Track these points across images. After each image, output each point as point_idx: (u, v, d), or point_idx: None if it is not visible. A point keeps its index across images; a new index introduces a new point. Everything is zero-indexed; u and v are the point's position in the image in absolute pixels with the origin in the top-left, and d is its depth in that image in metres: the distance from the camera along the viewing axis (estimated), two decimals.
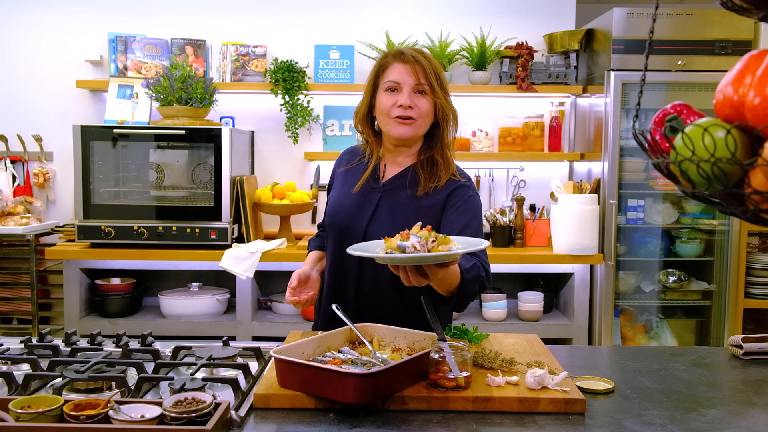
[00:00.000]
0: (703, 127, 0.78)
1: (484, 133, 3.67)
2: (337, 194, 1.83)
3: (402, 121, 1.71)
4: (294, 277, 1.74)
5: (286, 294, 1.74)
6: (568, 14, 3.76)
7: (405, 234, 1.33)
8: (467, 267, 1.54)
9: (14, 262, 3.49)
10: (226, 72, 3.60)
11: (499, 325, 3.29)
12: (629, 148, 3.35)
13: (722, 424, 1.26)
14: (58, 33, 3.70)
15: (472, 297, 1.59)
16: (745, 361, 1.67)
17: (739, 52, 2.18)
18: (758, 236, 3.53)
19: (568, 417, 1.27)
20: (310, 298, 1.75)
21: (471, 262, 1.57)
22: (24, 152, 3.70)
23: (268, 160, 3.77)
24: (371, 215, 1.74)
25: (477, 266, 1.58)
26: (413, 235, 1.30)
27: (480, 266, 1.60)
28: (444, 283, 1.49)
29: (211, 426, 1.12)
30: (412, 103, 1.70)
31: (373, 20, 3.71)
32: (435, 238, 1.31)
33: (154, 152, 3.40)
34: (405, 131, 1.72)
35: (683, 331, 3.60)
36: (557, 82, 3.60)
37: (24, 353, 1.60)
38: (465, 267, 1.53)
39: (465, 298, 1.57)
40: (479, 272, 1.58)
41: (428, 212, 1.72)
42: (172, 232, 3.16)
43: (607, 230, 3.33)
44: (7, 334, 3.31)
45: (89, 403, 1.20)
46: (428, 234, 1.31)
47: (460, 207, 1.72)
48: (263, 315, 3.36)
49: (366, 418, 1.25)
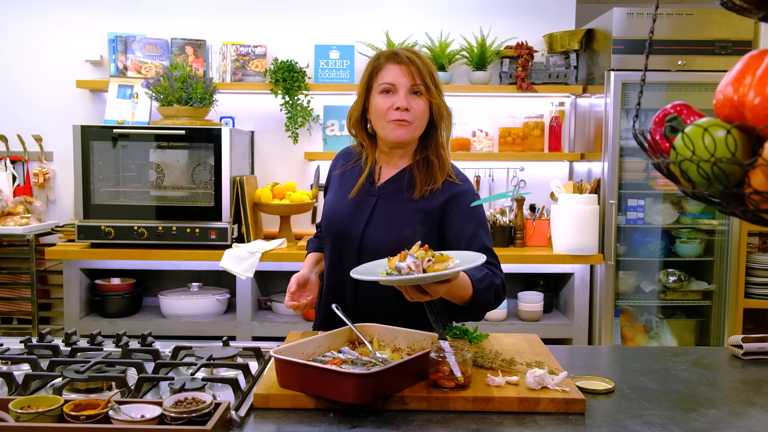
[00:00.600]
0: (703, 127, 0.78)
1: (484, 133, 3.67)
2: (333, 198, 1.82)
3: (399, 124, 1.68)
4: (293, 281, 1.73)
5: (285, 298, 1.74)
6: (568, 14, 3.76)
7: (403, 254, 1.36)
8: (479, 277, 1.54)
9: (14, 262, 3.49)
10: (226, 72, 3.60)
11: (499, 325, 3.29)
12: (629, 148, 3.35)
13: (722, 424, 1.26)
14: (58, 33, 3.70)
15: (487, 306, 1.59)
16: (745, 361, 1.67)
17: (739, 52, 2.18)
18: (758, 236, 3.53)
19: (568, 417, 1.27)
20: (309, 302, 1.75)
21: (483, 272, 1.56)
22: (24, 152, 3.70)
23: (268, 160, 3.77)
24: (367, 220, 1.72)
25: (489, 275, 1.58)
26: (410, 256, 1.34)
27: (493, 275, 1.59)
28: (452, 296, 1.49)
29: (211, 426, 1.12)
30: (408, 105, 1.67)
31: (373, 20, 3.71)
32: (432, 258, 1.34)
33: (154, 152, 3.40)
34: (402, 134, 1.69)
35: (683, 331, 3.60)
36: (557, 82, 3.60)
37: (24, 353, 1.60)
38: (476, 277, 1.53)
39: (480, 307, 1.57)
40: (492, 280, 1.58)
41: (425, 216, 1.69)
42: (172, 232, 3.16)
43: (607, 230, 3.33)
44: (7, 334, 3.31)
45: (89, 403, 1.20)
46: (425, 254, 1.34)
47: (464, 215, 1.69)
48: (263, 315, 3.36)
49: (366, 418, 1.25)
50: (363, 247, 1.70)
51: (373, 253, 1.67)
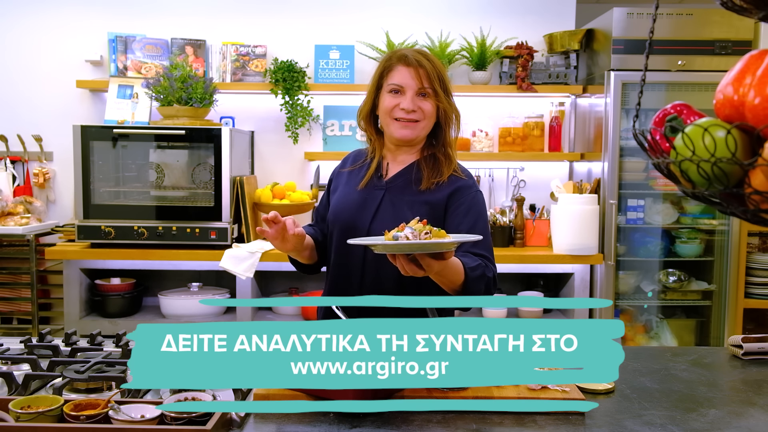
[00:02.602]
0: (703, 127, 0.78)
1: (484, 133, 3.67)
2: (341, 192, 1.84)
3: (405, 124, 1.73)
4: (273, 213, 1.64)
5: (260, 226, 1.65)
6: (568, 14, 3.77)
7: (402, 226, 1.40)
8: (472, 266, 1.55)
9: (14, 262, 3.49)
10: (226, 72, 3.60)
11: None
12: (629, 148, 3.35)
13: (722, 424, 1.26)
14: (58, 33, 3.70)
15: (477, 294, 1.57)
16: (745, 361, 1.67)
17: (739, 52, 2.18)
18: (758, 236, 3.53)
19: (568, 417, 1.27)
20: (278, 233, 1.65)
21: (476, 262, 1.57)
22: (24, 152, 3.70)
23: (268, 160, 3.77)
24: (374, 212, 1.75)
25: (482, 266, 1.58)
26: (408, 227, 1.39)
27: (486, 267, 1.60)
28: (444, 278, 1.49)
29: (211, 426, 1.12)
30: (415, 106, 1.71)
31: (373, 20, 3.71)
32: (429, 231, 1.37)
33: (154, 152, 3.40)
34: (407, 134, 1.74)
35: (683, 331, 3.60)
36: (557, 82, 3.60)
37: (24, 353, 1.60)
38: (469, 266, 1.54)
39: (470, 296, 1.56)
40: (485, 272, 1.58)
41: (431, 208, 1.72)
42: (172, 232, 3.16)
43: (607, 230, 3.33)
44: (7, 334, 3.31)
45: (89, 403, 1.20)
46: (422, 227, 1.38)
47: (464, 208, 1.72)
48: (263, 315, 3.36)
49: (366, 418, 1.25)
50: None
51: None
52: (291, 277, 3.49)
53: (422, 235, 1.36)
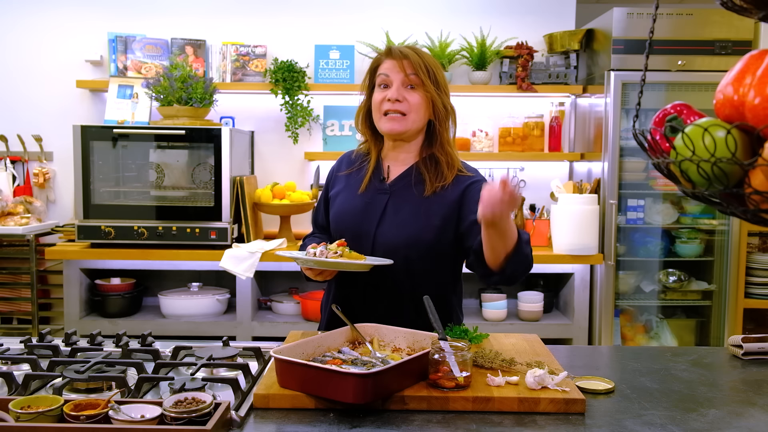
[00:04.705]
0: (703, 127, 0.78)
1: (484, 133, 3.67)
2: (343, 198, 1.82)
3: (392, 117, 1.71)
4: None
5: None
6: (568, 14, 3.77)
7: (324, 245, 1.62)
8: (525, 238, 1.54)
9: (14, 262, 3.49)
10: (226, 72, 3.60)
11: (499, 325, 3.29)
12: (629, 148, 3.35)
13: (722, 424, 1.26)
14: (58, 33, 3.70)
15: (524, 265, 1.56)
16: (745, 361, 1.67)
17: (739, 52, 2.18)
18: (758, 236, 3.53)
19: (568, 417, 1.27)
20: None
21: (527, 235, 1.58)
22: (24, 152, 3.71)
23: (268, 160, 3.77)
24: (380, 217, 1.73)
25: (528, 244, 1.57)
26: (322, 247, 1.62)
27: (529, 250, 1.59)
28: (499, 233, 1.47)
29: (211, 426, 1.12)
30: (401, 97, 1.69)
31: (373, 20, 3.71)
32: (340, 252, 1.59)
33: (154, 152, 3.40)
34: (395, 126, 1.71)
35: (683, 331, 3.60)
36: (557, 82, 3.60)
37: (24, 353, 1.60)
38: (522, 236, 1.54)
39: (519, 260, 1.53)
40: (530, 250, 1.57)
41: (439, 212, 1.70)
42: (172, 232, 3.16)
43: (607, 230, 3.33)
44: (7, 334, 3.31)
45: (89, 403, 1.20)
46: (335, 248, 1.60)
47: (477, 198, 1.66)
48: (263, 315, 3.36)
49: (366, 418, 1.25)
50: (376, 245, 1.71)
51: (387, 250, 1.67)
52: (291, 277, 3.49)
53: (330, 254, 1.58)
